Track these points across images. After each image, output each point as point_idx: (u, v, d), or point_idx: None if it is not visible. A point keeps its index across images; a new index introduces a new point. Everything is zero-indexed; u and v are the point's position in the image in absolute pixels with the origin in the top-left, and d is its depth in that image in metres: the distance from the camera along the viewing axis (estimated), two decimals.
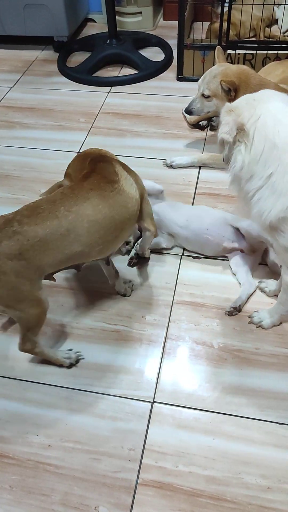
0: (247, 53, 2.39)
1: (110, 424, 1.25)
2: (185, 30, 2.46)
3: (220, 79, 1.85)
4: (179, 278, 1.60)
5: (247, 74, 1.88)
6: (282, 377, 1.32)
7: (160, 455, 1.19)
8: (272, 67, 2.25)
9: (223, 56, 2.01)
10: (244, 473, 1.15)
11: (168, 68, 2.65)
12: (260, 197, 1.11)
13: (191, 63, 2.47)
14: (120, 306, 1.51)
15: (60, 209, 1.19)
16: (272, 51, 2.37)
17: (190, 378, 1.34)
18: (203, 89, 1.93)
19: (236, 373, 1.33)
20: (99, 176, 1.29)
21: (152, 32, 2.97)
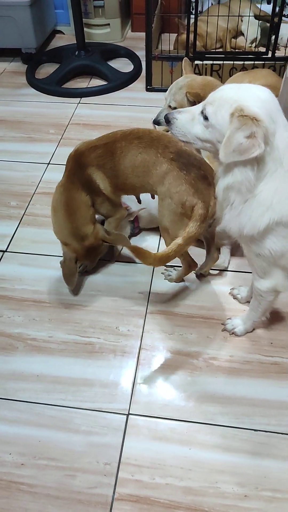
0: (214, 64, 2.43)
1: (85, 438, 1.23)
2: (153, 41, 2.48)
3: (185, 91, 1.87)
4: (152, 287, 1.59)
5: (212, 85, 1.90)
6: (256, 384, 1.32)
7: (136, 468, 1.17)
8: (239, 77, 2.28)
9: (190, 68, 2.03)
10: (220, 482, 1.14)
11: (137, 79, 2.67)
12: (246, 210, 1.08)
13: (160, 73, 2.50)
14: (93, 318, 1.50)
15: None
16: (238, 61, 2.41)
17: (165, 388, 1.33)
18: (169, 100, 1.95)
19: (210, 381, 1.33)
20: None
21: (120, 43, 2.99)
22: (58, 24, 3.11)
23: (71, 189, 1.44)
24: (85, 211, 1.45)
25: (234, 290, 1.55)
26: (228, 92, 1.03)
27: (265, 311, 1.36)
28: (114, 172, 1.43)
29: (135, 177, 1.42)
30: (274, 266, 1.18)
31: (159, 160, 1.36)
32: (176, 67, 2.43)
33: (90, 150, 1.44)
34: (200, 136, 1.09)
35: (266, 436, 1.21)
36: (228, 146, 0.98)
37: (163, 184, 1.36)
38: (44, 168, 2.08)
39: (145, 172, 1.40)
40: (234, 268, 1.64)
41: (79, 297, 1.56)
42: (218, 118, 1.02)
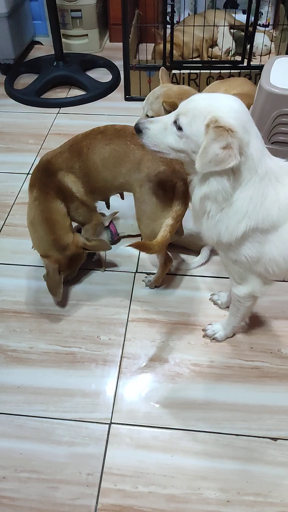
0: (191, 73, 2.46)
1: (67, 449, 1.22)
2: (131, 51, 2.51)
3: (162, 100, 1.89)
4: (133, 295, 1.60)
5: (189, 94, 1.92)
6: (237, 389, 1.33)
7: (119, 477, 1.17)
8: (216, 86, 2.32)
9: (166, 77, 2.06)
10: (203, 488, 1.15)
11: (115, 89, 2.69)
12: (223, 218, 1.09)
13: (138, 83, 2.52)
14: (74, 328, 1.49)
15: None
16: (215, 70, 2.45)
17: (147, 396, 1.33)
18: (146, 110, 1.97)
19: (192, 388, 1.34)
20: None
21: (99, 53, 3.01)
22: (36, 35, 3.12)
23: (46, 201, 1.43)
24: (64, 220, 1.46)
25: (214, 296, 1.56)
26: (201, 102, 1.04)
27: (244, 316, 1.37)
28: (85, 171, 1.44)
29: (106, 170, 1.43)
30: (250, 272, 1.19)
31: (130, 148, 1.39)
32: (154, 77, 2.45)
33: (56, 157, 1.45)
34: (174, 146, 1.09)
35: (247, 441, 1.22)
36: (204, 157, 0.99)
37: (140, 170, 1.38)
38: (24, 178, 2.07)
39: (117, 162, 1.41)
40: (213, 274, 1.65)
41: (59, 307, 1.55)
42: (193, 128, 1.03)
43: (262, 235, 1.10)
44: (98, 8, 2.92)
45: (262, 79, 1.65)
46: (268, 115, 1.63)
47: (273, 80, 1.63)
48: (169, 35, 2.38)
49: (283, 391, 1.32)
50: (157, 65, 2.42)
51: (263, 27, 2.95)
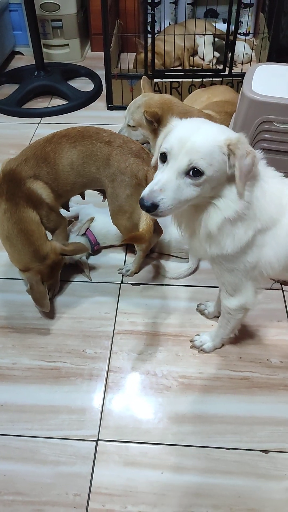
0: (173, 81, 2.45)
1: (53, 469, 1.17)
2: (113, 60, 2.50)
3: (143, 110, 1.88)
4: (119, 307, 1.56)
5: (170, 103, 1.93)
6: (227, 400, 1.30)
7: (107, 497, 1.13)
8: (198, 94, 2.32)
9: (148, 86, 2.05)
10: (195, 505, 1.11)
11: (98, 98, 2.67)
12: (232, 230, 1.04)
13: (120, 92, 2.51)
14: (58, 342, 1.45)
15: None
16: (197, 78, 2.44)
17: (135, 411, 1.29)
18: (128, 119, 1.96)
19: (181, 401, 1.31)
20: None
21: (80, 63, 3.00)
22: (17, 45, 3.10)
23: (18, 211, 1.40)
24: (39, 229, 1.43)
25: (201, 306, 1.54)
26: (203, 137, 0.95)
27: (234, 329, 1.35)
28: (53, 176, 1.43)
29: (76, 173, 1.45)
30: (246, 279, 1.16)
31: (96, 146, 1.42)
32: (136, 85, 2.44)
33: (20, 165, 1.42)
34: (194, 196, 0.97)
35: (239, 454, 1.19)
36: (242, 176, 0.95)
37: (110, 165, 1.41)
38: None
39: (86, 163, 1.43)
40: (199, 283, 1.63)
41: (43, 321, 1.51)
42: (215, 165, 0.94)
43: (261, 237, 1.07)
44: (79, 18, 2.91)
45: (244, 86, 1.64)
46: (251, 122, 1.62)
47: (255, 88, 1.62)
48: (151, 44, 2.38)
49: (273, 401, 1.30)
50: (139, 74, 2.41)
51: (244, 35, 2.97)
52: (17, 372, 1.38)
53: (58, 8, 2.81)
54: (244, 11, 2.92)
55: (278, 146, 1.65)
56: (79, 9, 2.91)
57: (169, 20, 3.08)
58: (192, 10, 3.06)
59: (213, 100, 2.16)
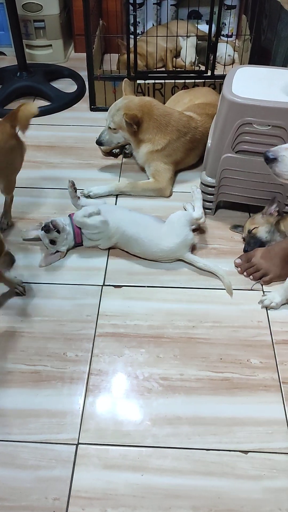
0: (156, 83, 2.46)
1: (32, 474, 1.17)
2: (96, 61, 2.49)
3: (123, 112, 1.89)
4: (100, 309, 1.56)
5: (150, 106, 1.93)
6: (207, 401, 1.31)
7: (87, 500, 1.13)
8: (180, 95, 2.33)
9: (129, 88, 2.05)
10: (174, 507, 1.11)
11: (81, 99, 2.66)
12: None
13: (103, 93, 2.50)
14: (39, 345, 1.45)
15: None
16: (179, 80, 2.45)
17: (115, 414, 1.29)
18: (109, 122, 1.96)
19: (161, 403, 1.31)
20: None
21: (64, 64, 2.98)
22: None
23: None
24: None
25: (265, 301, 1.55)
26: None
27: None
28: None
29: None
30: None
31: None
32: (118, 87, 2.43)
33: None
34: None
35: (218, 455, 1.20)
36: None
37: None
38: None
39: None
40: (180, 285, 1.63)
41: (24, 324, 1.50)
42: None
43: None
44: (61, 19, 2.90)
45: (224, 88, 1.66)
46: (231, 124, 1.64)
47: (235, 90, 1.64)
48: (133, 45, 2.38)
49: (253, 402, 1.31)
50: (122, 75, 2.41)
51: (227, 37, 2.99)
52: None
53: (41, 8, 2.79)
54: (226, 13, 2.94)
55: (258, 148, 1.66)
56: (62, 9, 2.90)
57: (152, 21, 3.08)
58: (175, 12, 3.07)
59: (195, 102, 2.17)
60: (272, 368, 1.39)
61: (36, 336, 1.47)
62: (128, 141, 2.03)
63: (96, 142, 2.07)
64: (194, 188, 1.81)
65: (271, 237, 1.70)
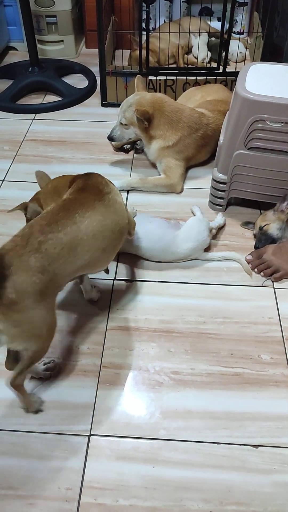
0: (167, 79, 2.46)
1: (45, 464, 1.18)
2: (107, 57, 2.50)
3: (135, 108, 1.89)
4: (112, 303, 1.57)
5: (162, 102, 1.94)
6: (218, 396, 1.32)
7: (99, 491, 1.14)
8: (192, 92, 2.33)
9: (142, 85, 2.06)
10: (185, 499, 1.13)
11: (92, 95, 2.67)
12: None
13: (115, 89, 2.51)
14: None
15: (75, 215, 1.20)
16: (191, 76, 2.45)
17: (127, 406, 1.31)
18: (120, 117, 1.97)
19: (172, 396, 1.32)
20: (95, 188, 1.31)
21: (75, 59, 2.99)
22: (11, 40, 3.09)
23: None
24: None
25: None
26: None
27: None
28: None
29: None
30: None
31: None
32: (130, 83, 2.44)
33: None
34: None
35: (229, 449, 1.21)
36: None
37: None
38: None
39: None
40: (191, 280, 1.64)
41: None
42: None
43: None
44: (73, 14, 2.91)
45: (238, 85, 1.66)
46: (244, 121, 1.64)
47: (249, 86, 1.64)
48: (145, 41, 2.38)
49: (264, 397, 1.32)
50: (134, 71, 2.42)
51: (238, 34, 2.98)
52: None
53: (53, 4, 2.80)
54: (238, 10, 2.93)
55: (271, 145, 1.67)
56: (74, 5, 2.90)
57: (164, 17, 3.08)
58: (187, 8, 3.07)
59: (207, 99, 2.17)
60: (282, 364, 1.40)
61: None
62: (139, 137, 2.03)
63: (108, 137, 2.08)
64: (192, 208, 1.87)
65: (282, 234, 1.70)
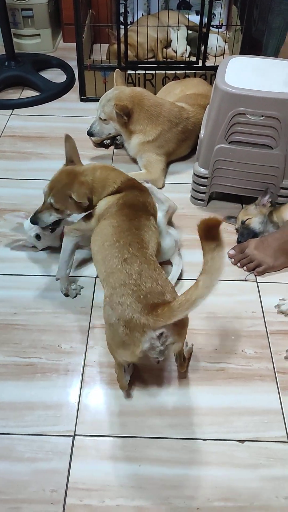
0: (147, 73, 2.43)
1: (29, 466, 1.16)
2: (85, 51, 2.46)
3: (114, 103, 1.87)
4: (94, 301, 1.55)
5: (141, 97, 1.92)
6: (203, 392, 1.31)
7: (85, 492, 1.12)
8: (172, 86, 2.31)
9: (121, 79, 2.03)
10: (172, 497, 1.12)
11: (70, 89, 2.63)
12: None
13: (93, 83, 2.47)
14: (33, 338, 1.43)
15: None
16: (170, 71, 2.43)
17: (111, 405, 1.29)
18: (99, 112, 1.94)
19: (157, 393, 1.31)
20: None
21: (52, 54, 2.94)
22: None
23: None
24: None
25: (282, 306, 1.50)
26: None
27: None
28: None
29: None
30: None
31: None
32: (109, 77, 2.41)
33: None
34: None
35: (215, 445, 1.20)
36: None
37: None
38: None
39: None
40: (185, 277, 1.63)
41: (18, 317, 1.49)
42: None
43: None
44: (50, 7, 2.85)
45: (218, 79, 1.65)
46: (225, 115, 1.63)
47: (228, 80, 1.63)
48: (123, 35, 2.35)
49: (249, 392, 1.32)
50: (112, 65, 2.39)
51: (217, 28, 2.97)
52: None
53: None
54: (216, 3, 2.91)
55: (252, 138, 1.67)
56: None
57: (142, 11, 3.05)
58: (165, 2, 3.04)
59: (187, 93, 2.16)
60: (267, 358, 1.40)
61: (30, 328, 1.46)
62: (119, 132, 2.01)
63: (87, 133, 2.05)
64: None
65: (264, 228, 1.70)
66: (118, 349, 1.14)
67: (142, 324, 1.05)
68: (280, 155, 1.67)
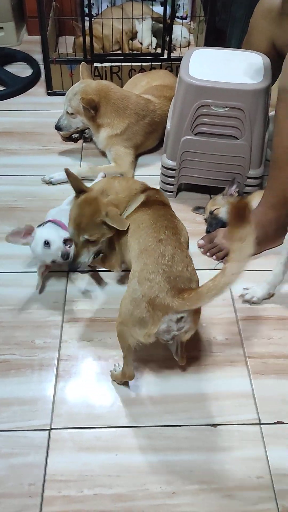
0: (113, 66, 2.43)
1: (6, 462, 1.17)
2: (50, 44, 2.44)
3: (80, 97, 1.86)
4: (67, 295, 1.56)
5: (108, 90, 1.92)
6: (177, 380, 1.34)
7: (63, 483, 1.14)
8: (138, 78, 2.32)
9: (87, 72, 2.03)
10: (148, 483, 1.15)
11: (37, 83, 2.60)
12: None
13: (60, 77, 2.45)
14: (6, 335, 1.43)
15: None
16: (136, 63, 2.43)
17: (87, 397, 1.31)
18: (66, 106, 1.94)
19: (131, 383, 1.33)
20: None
21: (17, 47, 2.89)
22: None
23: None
24: None
25: (246, 295, 1.52)
26: None
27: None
28: None
29: None
30: None
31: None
32: (75, 70, 2.40)
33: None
34: None
35: (189, 430, 1.24)
36: None
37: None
38: None
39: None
40: None
41: None
42: None
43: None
44: (12, 0, 2.81)
45: (181, 71, 1.66)
46: (190, 106, 1.65)
47: (192, 72, 1.65)
48: (88, 27, 2.34)
49: (220, 377, 1.35)
50: (78, 58, 2.37)
51: (181, 19, 2.98)
52: None
53: None
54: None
55: (217, 129, 1.69)
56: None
57: (107, 2, 3.03)
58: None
59: (153, 85, 2.17)
60: (237, 344, 1.43)
61: (2, 325, 1.46)
62: (87, 125, 2.01)
63: (55, 127, 2.04)
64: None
65: None
66: (134, 326, 1.14)
67: (166, 304, 1.07)
68: (245, 145, 1.70)
